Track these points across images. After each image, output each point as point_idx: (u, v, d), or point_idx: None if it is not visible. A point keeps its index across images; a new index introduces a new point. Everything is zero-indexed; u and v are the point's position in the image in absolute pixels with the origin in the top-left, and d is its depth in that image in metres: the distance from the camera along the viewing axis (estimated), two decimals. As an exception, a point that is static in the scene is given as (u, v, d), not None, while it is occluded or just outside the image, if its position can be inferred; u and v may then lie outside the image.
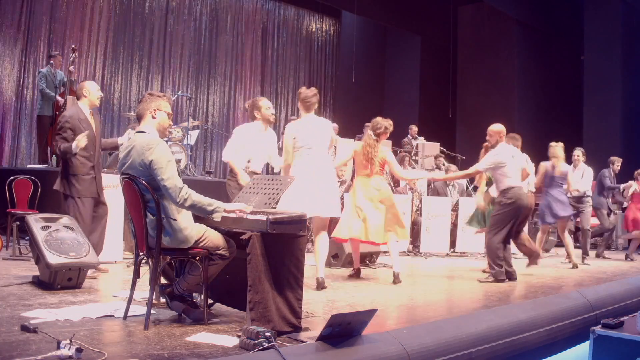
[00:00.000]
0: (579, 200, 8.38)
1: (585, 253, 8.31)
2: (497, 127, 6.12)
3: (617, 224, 9.82)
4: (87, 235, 4.91)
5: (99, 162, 5.24)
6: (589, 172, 8.48)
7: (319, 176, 5.01)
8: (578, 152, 8.51)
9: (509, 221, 5.93)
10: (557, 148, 7.83)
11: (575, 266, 7.70)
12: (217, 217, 3.37)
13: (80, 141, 4.90)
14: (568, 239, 7.95)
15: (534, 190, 6.75)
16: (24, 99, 10.41)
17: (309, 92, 5.15)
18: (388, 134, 5.86)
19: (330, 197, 5.05)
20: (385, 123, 5.79)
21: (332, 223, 5.65)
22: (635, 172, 9.63)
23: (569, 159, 8.56)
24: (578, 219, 8.67)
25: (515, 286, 5.83)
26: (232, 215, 3.45)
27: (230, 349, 2.94)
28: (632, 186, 9.36)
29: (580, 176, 8.36)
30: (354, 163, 6.38)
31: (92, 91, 5.19)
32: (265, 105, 5.41)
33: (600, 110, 14.12)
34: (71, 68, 8.36)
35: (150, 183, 3.34)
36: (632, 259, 9.13)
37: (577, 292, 5.12)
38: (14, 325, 3.13)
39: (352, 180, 9.28)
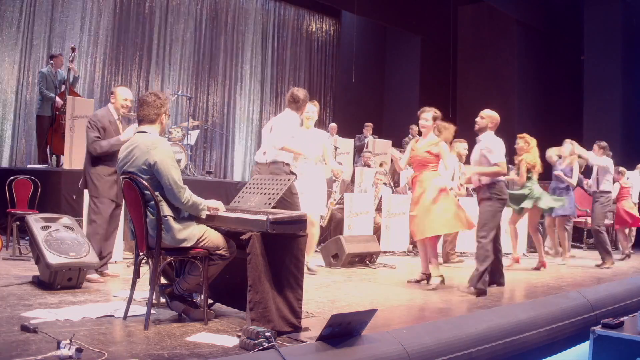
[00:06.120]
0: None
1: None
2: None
3: None
4: (104, 238, 4.96)
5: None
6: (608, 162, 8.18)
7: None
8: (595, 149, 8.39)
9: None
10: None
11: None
12: (203, 214, 3.48)
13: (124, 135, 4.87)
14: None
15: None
16: (23, 99, 10.40)
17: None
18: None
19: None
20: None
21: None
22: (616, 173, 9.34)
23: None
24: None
25: (515, 286, 5.83)
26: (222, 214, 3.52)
27: (230, 349, 2.94)
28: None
29: (595, 172, 8.22)
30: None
31: (118, 96, 5.15)
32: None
33: (600, 110, 14.09)
34: (73, 64, 8.34)
35: (150, 182, 3.35)
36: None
37: (577, 292, 5.12)
38: (14, 325, 3.13)
39: (352, 180, 9.28)
